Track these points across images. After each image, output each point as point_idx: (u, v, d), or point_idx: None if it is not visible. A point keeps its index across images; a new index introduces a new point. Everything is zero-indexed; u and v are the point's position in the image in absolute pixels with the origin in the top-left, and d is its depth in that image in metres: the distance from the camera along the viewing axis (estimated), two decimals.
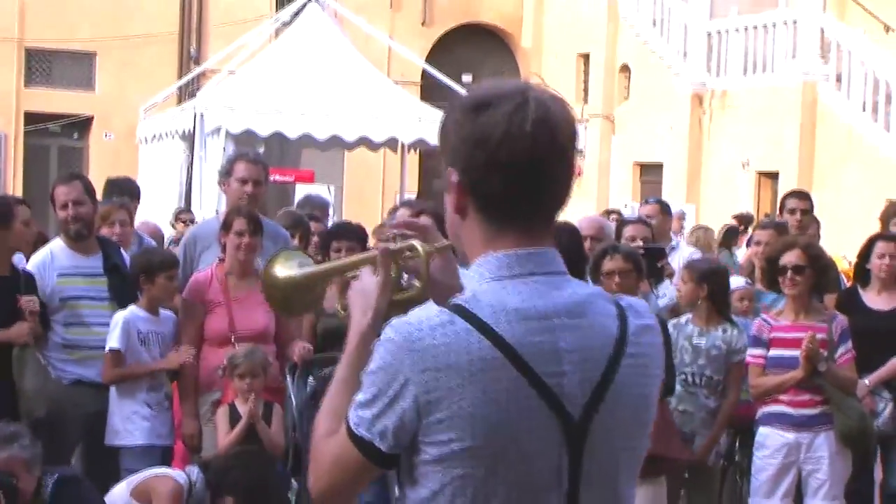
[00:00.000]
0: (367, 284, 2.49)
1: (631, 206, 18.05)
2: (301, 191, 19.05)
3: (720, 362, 6.93)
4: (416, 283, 2.54)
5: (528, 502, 2.20)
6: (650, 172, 22.05)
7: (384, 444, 2.17)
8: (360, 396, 2.20)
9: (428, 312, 2.20)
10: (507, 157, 2.20)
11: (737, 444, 7.39)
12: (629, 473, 2.31)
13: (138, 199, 9.20)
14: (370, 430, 2.17)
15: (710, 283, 7.09)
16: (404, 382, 2.15)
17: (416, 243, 2.53)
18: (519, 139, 2.19)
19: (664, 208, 9.78)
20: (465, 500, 2.18)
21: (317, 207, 10.59)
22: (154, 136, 18.23)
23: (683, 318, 7.08)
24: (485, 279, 2.24)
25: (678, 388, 6.82)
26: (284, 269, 2.75)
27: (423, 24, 25.38)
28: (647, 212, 9.63)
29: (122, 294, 6.93)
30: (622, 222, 8.97)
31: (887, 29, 20.30)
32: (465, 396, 2.13)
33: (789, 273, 6.85)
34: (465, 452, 2.15)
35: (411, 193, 19.46)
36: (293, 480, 6.75)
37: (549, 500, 2.21)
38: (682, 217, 14.17)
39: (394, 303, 2.49)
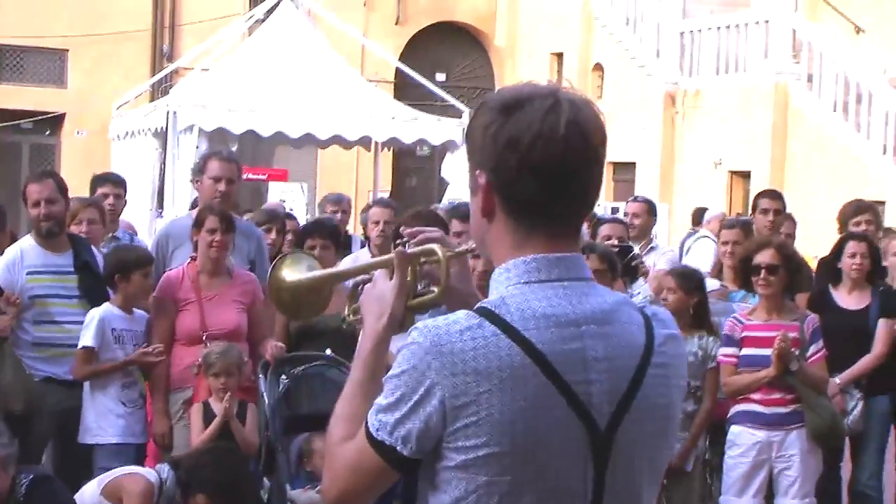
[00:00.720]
0: (382, 289, 2.44)
1: (604, 205, 18.06)
2: (274, 189, 19.01)
3: (696, 368, 6.93)
4: (433, 288, 2.51)
5: None
6: (623, 171, 22.08)
7: (406, 449, 2.13)
8: (381, 400, 2.15)
9: (456, 316, 2.15)
10: (539, 159, 2.15)
11: (707, 442, 7.41)
12: (652, 482, 2.28)
13: (125, 189, 9.21)
14: (392, 434, 2.13)
15: (699, 292, 7.13)
16: (431, 386, 2.10)
17: (436, 248, 2.50)
18: (551, 141, 2.15)
19: (650, 207, 9.76)
20: None
21: (338, 204, 10.55)
22: (127, 134, 18.13)
23: None
24: (512, 283, 2.20)
25: None
26: (293, 273, 2.72)
27: (396, 22, 25.34)
28: (633, 210, 9.59)
29: (92, 292, 6.90)
30: (598, 221, 8.97)
31: (858, 30, 20.41)
32: (492, 402, 2.09)
33: (763, 273, 6.87)
34: (490, 459, 2.10)
35: (384, 192, 19.42)
36: (265, 479, 6.73)
37: None
38: (721, 219, 13.84)
39: (409, 308, 2.45)
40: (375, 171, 18.65)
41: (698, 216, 15.19)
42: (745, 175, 19.51)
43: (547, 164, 2.16)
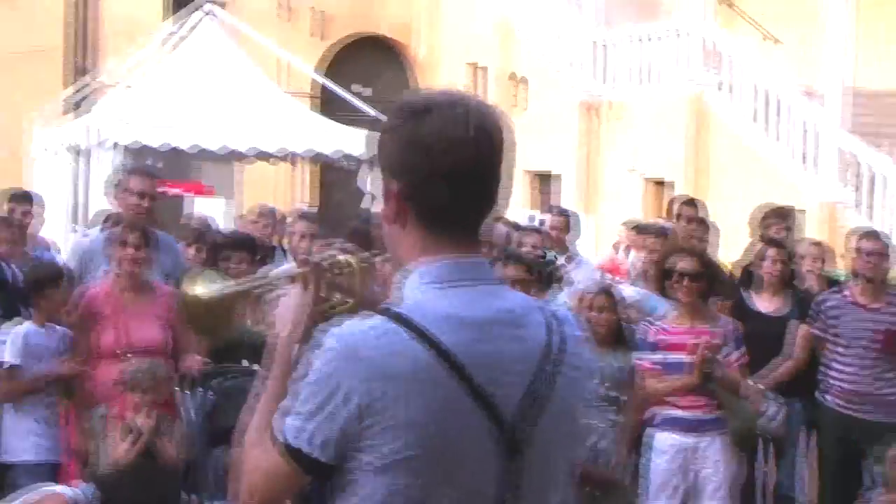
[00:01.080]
0: (295, 300, 2.46)
1: (531, 215, 18.17)
2: (199, 204, 18.89)
3: (619, 381, 6.94)
4: (348, 299, 2.52)
5: None
6: (546, 182, 22.24)
7: (324, 455, 2.14)
8: (296, 407, 2.16)
9: (369, 321, 2.16)
10: (451, 164, 2.18)
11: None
12: (565, 483, 2.31)
13: (35, 205, 9.19)
14: (310, 441, 2.14)
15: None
16: (347, 391, 2.11)
17: (349, 258, 2.52)
18: (463, 146, 2.18)
19: (571, 220, 9.86)
20: None
21: (264, 216, 10.51)
22: (44, 151, 17.94)
23: None
24: (425, 287, 2.22)
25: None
26: (205, 290, 2.72)
27: (317, 36, 25.32)
28: (554, 222, 9.70)
29: (8, 310, 6.84)
30: (518, 231, 9.05)
31: (765, 38, 20.74)
32: (407, 405, 2.11)
33: (685, 280, 6.93)
34: (406, 462, 2.12)
35: (305, 205, 19.38)
36: (189, 495, 6.69)
37: None
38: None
39: (324, 318, 2.44)
40: (301, 186, 18.62)
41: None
42: (665, 184, 19.73)
43: (458, 169, 2.19)
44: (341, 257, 2.53)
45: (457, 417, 2.13)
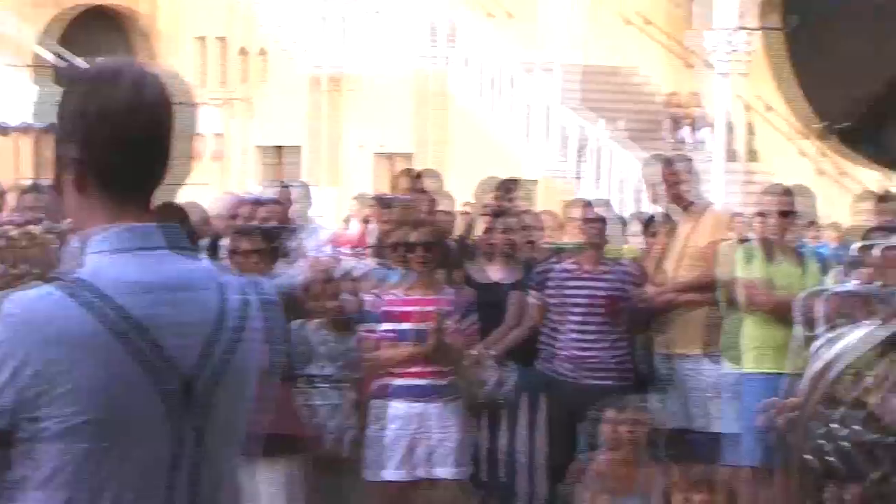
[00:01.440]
0: None
1: (264, 189, 18.10)
2: None
3: (351, 361, 7.01)
4: (34, 270, 2.50)
5: (147, 477, 2.20)
6: (284, 155, 22.20)
7: (1, 423, 2.12)
8: None
9: (47, 287, 2.16)
10: (129, 130, 2.20)
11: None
12: (240, 446, 2.35)
13: None
14: None
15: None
16: (23, 357, 2.11)
17: (35, 230, 2.50)
18: (141, 113, 2.20)
19: (295, 192, 9.93)
20: (88, 476, 2.15)
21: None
22: None
23: (312, 324, 6.96)
24: (105, 253, 2.23)
25: (322, 384, 6.83)
26: None
27: (42, 5, 24.55)
28: (285, 195, 9.78)
29: None
30: (257, 203, 9.08)
31: (491, 14, 21.22)
32: (80, 371, 2.12)
33: (415, 250, 7.04)
34: (80, 427, 2.13)
35: (29, 180, 18.81)
36: None
37: (168, 474, 2.22)
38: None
39: (10, 289, 2.40)
40: (32, 159, 18.08)
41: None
42: (401, 157, 19.97)
43: (136, 135, 2.22)
44: (14, 233, 2.51)
45: (129, 382, 2.17)
